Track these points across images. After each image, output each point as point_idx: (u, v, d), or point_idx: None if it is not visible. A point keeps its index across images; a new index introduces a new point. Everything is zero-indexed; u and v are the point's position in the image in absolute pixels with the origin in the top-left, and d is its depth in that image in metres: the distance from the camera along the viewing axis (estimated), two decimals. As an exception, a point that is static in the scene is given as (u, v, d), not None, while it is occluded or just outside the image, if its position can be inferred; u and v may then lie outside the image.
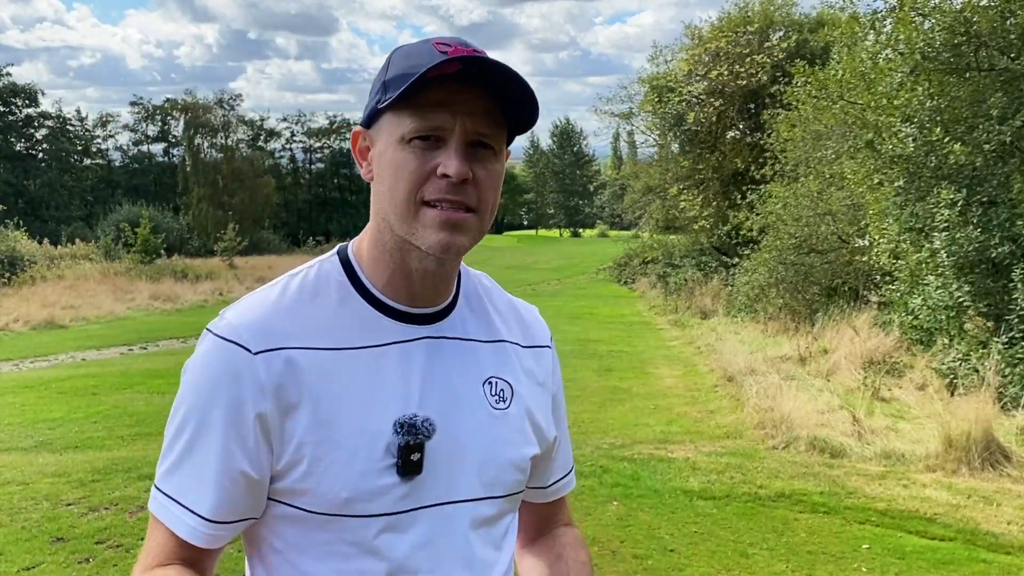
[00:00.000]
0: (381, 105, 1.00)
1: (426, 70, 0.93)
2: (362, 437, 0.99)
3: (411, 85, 0.94)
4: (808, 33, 19.22)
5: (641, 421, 7.65)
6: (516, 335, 1.16)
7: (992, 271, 8.06)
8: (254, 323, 1.00)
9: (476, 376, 1.09)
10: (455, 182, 0.97)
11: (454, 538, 1.04)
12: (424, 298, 1.06)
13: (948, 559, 4.34)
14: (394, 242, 1.03)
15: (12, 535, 4.54)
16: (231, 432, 0.98)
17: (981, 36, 8.00)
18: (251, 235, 37.70)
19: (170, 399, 1.03)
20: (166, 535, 1.01)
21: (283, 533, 1.03)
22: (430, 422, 1.01)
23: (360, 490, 0.98)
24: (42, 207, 45.68)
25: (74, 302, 19.00)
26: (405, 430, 1.00)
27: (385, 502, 0.99)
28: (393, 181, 0.99)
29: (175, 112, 49.44)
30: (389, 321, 1.04)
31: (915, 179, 8.77)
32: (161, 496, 1.02)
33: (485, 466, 1.06)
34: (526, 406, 1.12)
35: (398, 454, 0.99)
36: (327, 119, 57.28)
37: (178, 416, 1.01)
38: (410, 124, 0.98)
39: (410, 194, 0.98)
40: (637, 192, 25.75)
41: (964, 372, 7.79)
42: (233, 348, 0.98)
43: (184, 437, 1.00)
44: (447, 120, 0.97)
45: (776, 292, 13.50)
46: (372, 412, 1.00)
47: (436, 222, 0.98)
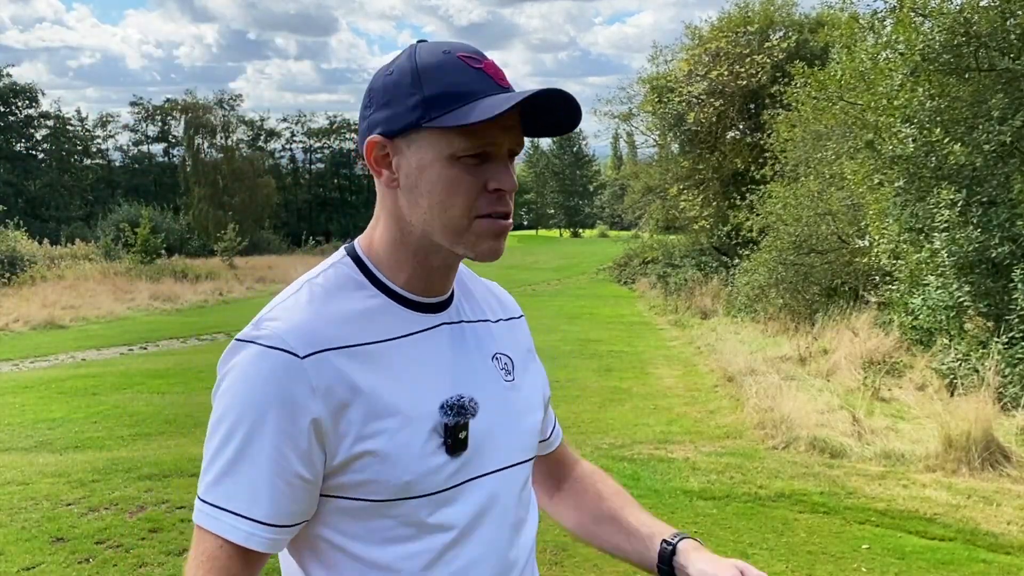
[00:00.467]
0: (429, 123, 1.02)
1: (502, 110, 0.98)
2: (413, 422, 1.04)
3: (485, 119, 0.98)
4: (808, 33, 19.22)
5: (641, 421, 7.66)
6: (499, 312, 1.26)
7: (992, 271, 8.06)
8: (296, 329, 1.02)
9: (486, 354, 1.17)
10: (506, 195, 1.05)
11: (497, 505, 1.12)
12: (437, 290, 1.14)
13: (948, 559, 4.34)
14: (418, 244, 1.09)
15: (12, 535, 4.54)
16: (284, 437, 0.99)
17: (981, 36, 8.00)
18: (251, 235, 37.71)
19: (170, 399, 1.03)
20: (216, 545, 1.00)
21: (341, 527, 1.06)
22: (475, 401, 1.09)
23: (418, 472, 1.03)
24: (42, 207, 45.71)
25: (74, 302, 19.00)
26: (454, 411, 1.07)
27: (438, 480, 1.05)
28: (445, 197, 1.04)
29: (175, 112, 49.44)
30: (409, 312, 1.11)
31: (915, 179, 8.77)
32: (208, 507, 1.01)
33: (511, 435, 1.15)
34: (526, 375, 1.23)
35: (445, 434, 1.05)
36: (327, 119, 57.38)
37: (223, 427, 1.01)
38: (462, 143, 1.02)
39: (467, 209, 1.04)
40: (637, 192, 25.76)
41: (964, 372, 7.79)
42: (281, 355, 1.00)
43: (232, 446, 1.00)
44: (499, 138, 1.03)
45: (776, 292, 13.50)
46: (419, 397, 1.05)
47: (490, 233, 1.06)
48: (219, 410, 1.02)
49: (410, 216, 1.07)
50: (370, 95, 1.09)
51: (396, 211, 1.09)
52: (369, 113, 1.08)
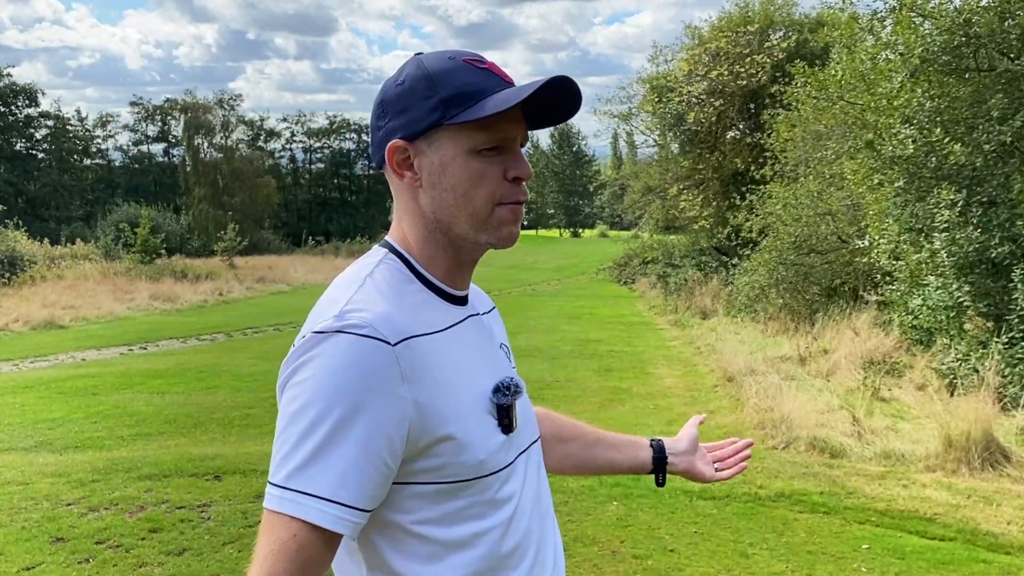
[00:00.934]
0: (449, 121, 1.09)
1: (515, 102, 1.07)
2: (478, 404, 1.12)
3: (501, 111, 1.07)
4: (808, 33, 19.22)
5: (641, 421, 7.66)
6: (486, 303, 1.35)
7: (992, 271, 8.06)
8: (382, 317, 1.06)
9: (496, 343, 1.27)
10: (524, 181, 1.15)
11: (535, 474, 1.24)
12: (463, 284, 1.22)
13: (948, 559, 4.34)
14: (448, 240, 1.16)
15: (12, 535, 4.54)
16: (377, 422, 1.01)
17: (980, 37, 8.00)
18: (251, 235, 37.68)
19: (170, 399, 1.03)
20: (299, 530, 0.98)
21: (415, 511, 1.09)
22: (518, 383, 1.19)
23: (488, 451, 1.10)
24: (42, 207, 45.67)
25: (74, 302, 18.99)
26: (509, 392, 1.15)
27: (501, 458, 1.13)
28: (471, 188, 1.12)
29: (175, 112, 49.41)
30: (448, 305, 1.18)
31: (915, 179, 8.78)
32: (290, 493, 0.99)
33: (529, 414, 1.27)
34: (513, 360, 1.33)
35: (499, 414, 1.14)
36: (327, 119, 57.28)
37: (310, 413, 1.00)
38: (481, 137, 1.10)
39: (490, 198, 1.12)
40: (637, 192, 25.76)
41: (964, 372, 7.79)
42: (373, 343, 1.03)
43: (321, 433, 0.99)
44: (513, 130, 1.13)
45: (776, 292, 13.51)
46: (477, 381, 1.14)
47: (510, 218, 1.14)
48: (304, 397, 1.01)
49: (434, 212, 1.14)
50: (383, 106, 1.15)
51: (419, 210, 1.16)
52: (384, 123, 1.14)
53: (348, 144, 57.53)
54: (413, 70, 1.13)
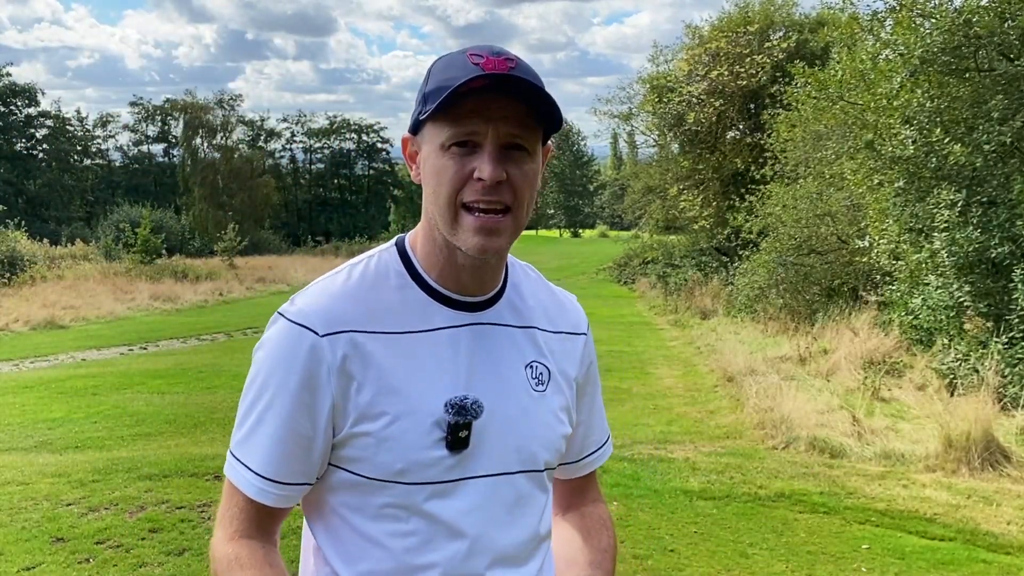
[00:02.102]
0: (422, 116, 1.09)
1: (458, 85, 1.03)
2: (416, 414, 1.09)
3: (443, 99, 1.04)
4: (808, 33, 19.22)
5: (641, 421, 7.65)
6: (558, 323, 1.26)
7: (992, 271, 8.07)
8: (321, 309, 1.10)
9: (519, 360, 1.19)
10: (489, 184, 1.06)
11: (496, 506, 1.14)
12: (471, 288, 1.16)
13: (948, 559, 4.34)
14: (442, 239, 1.13)
15: (12, 535, 4.54)
16: (298, 403, 1.08)
17: (980, 37, 8.00)
18: (251, 235, 37.65)
19: (170, 399, 1.06)
20: (237, 496, 1.13)
21: (342, 497, 1.13)
22: (479, 403, 1.12)
23: (412, 461, 1.08)
24: (42, 207, 45.68)
25: (74, 302, 18.98)
26: (455, 410, 1.10)
27: (434, 472, 1.10)
28: (436, 185, 1.10)
29: (175, 112, 49.38)
30: (440, 307, 1.14)
31: (915, 180, 8.78)
32: (234, 460, 1.14)
33: (527, 443, 1.17)
34: (561, 389, 1.23)
35: (447, 431, 1.09)
36: (327, 119, 57.26)
37: (252, 389, 1.12)
38: (448, 132, 1.07)
39: (451, 197, 1.08)
40: (637, 192, 25.75)
41: (964, 372, 7.79)
42: (303, 331, 1.09)
43: (258, 408, 1.11)
44: (480, 126, 1.06)
45: (776, 292, 13.50)
46: (426, 391, 1.10)
47: (473, 228, 1.08)
48: (251, 373, 1.13)
49: (425, 208, 1.14)
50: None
51: (424, 205, 1.15)
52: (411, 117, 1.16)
53: (348, 144, 57.52)
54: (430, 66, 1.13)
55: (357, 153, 57.75)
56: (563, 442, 1.24)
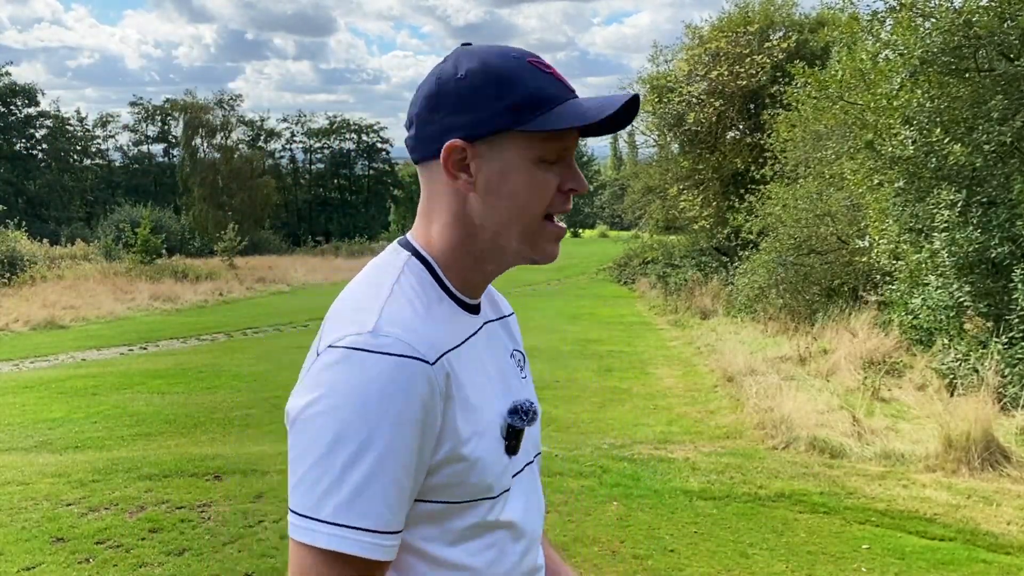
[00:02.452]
0: (522, 128, 1.03)
1: (609, 112, 1.03)
2: (492, 426, 1.07)
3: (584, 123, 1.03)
4: (808, 33, 19.22)
5: (641, 421, 7.66)
6: (502, 308, 1.29)
7: (992, 271, 8.07)
8: (420, 334, 0.99)
9: (507, 351, 1.22)
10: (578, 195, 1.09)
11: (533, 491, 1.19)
12: (478, 293, 1.16)
13: (948, 559, 4.34)
14: (486, 249, 1.10)
15: (12, 535, 4.54)
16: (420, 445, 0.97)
17: (980, 37, 8.00)
18: (251, 235, 37.67)
19: (170, 399, 1.03)
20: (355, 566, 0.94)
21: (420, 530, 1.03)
22: (535, 407, 1.14)
23: (496, 474, 1.06)
24: (42, 207, 45.69)
25: (74, 302, 18.99)
26: (525, 417, 1.11)
27: (505, 480, 1.09)
28: (529, 198, 1.07)
29: (175, 112, 49.38)
30: (465, 314, 1.13)
31: (915, 180, 8.78)
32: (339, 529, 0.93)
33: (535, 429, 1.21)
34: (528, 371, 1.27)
35: (510, 435, 1.09)
36: (327, 119, 57.26)
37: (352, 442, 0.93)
38: (550, 147, 1.06)
39: (544, 210, 1.08)
40: (637, 192, 25.76)
41: (964, 372, 7.80)
42: (417, 364, 0.96)
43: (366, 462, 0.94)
44: (573, 141, 1.09)
45: (776, 293, 13.51)
46: (493, 399, 1.09)
47: (555, 236, 1.11)
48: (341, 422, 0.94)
49: (484, 220, 1.07)
50: (438, 99, 1.06)
51: (465, 215, 1.08)
52: (440, 117, 1.05)
53: (348, 144, 57.52)
54: (475, 65, 1.04)
55: (357, 153, 57.76)
56: None
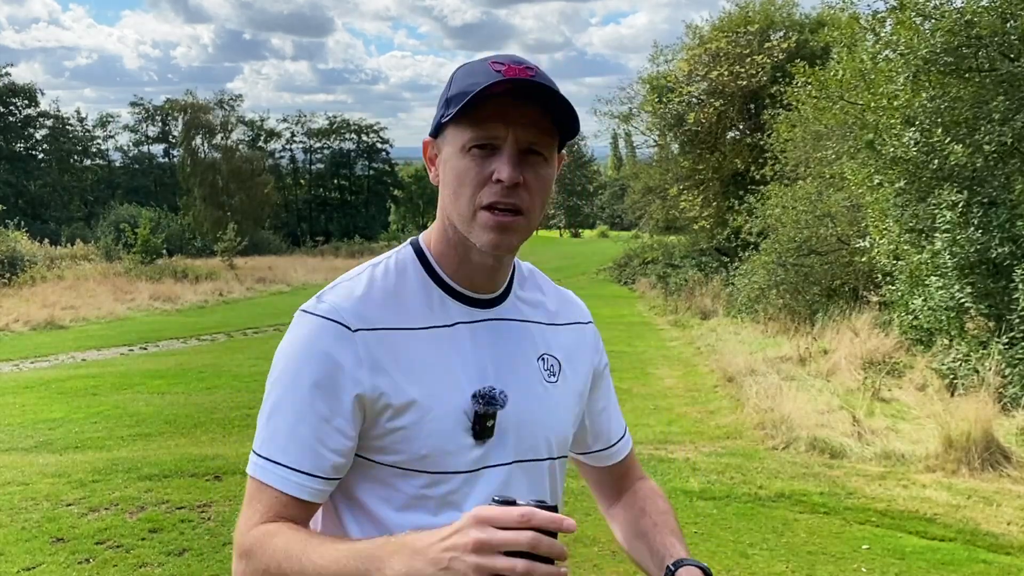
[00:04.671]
0: (445, 119, 1.14)
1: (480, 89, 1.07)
2: (444, 405, 1.13)
3: (467, 102, 1.08)
4: (808, 34, 19.22)
5: (641, 421, 7.65)
6: (560, 315, 1.32)
7: (992, 272, 8.06)
8: (351, 306, 1.14)
9: (532, 352, 1.24)
10: (507, 186, 1.10)
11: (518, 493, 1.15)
12: (483, 286, 1.22)
13: (948, 559, 4.34)
14: (457, 239, 1.18)
15: (12, 535, 4.54)
16: (329, 396, 1.10)
17: (982, 38, 8.00)
18: (251, 235, 37.63)
19: (170, 399, 1.04)
20: (271, 496, 1.11)
21: (370, 486, 1.16)
22: (505, 394, 1.16)
23: (438, 449, 1.12)
24: (42, 207, 45.68)
25: (74, 302, 18.98)
26: (485, 400, 1.14)
27: (462, 461, 1.14)
28: (457, 186, 1.14)
29: (175, 112, 49.39)
30: (456, 304, 1.20)
31: (916, 180, 8.77)
32: (262, 460, 1.12)
33: (540, 432, 1.22)
34: (571, 378, 1.28)
35: (474, 420, 1.14)
36: (327, 119, 57.25)
37: (278, 387, 1.13)
38: (470, 134, 1.11)
39: (471, 198, 1.12)
40: (637, 193, 25.75)
41: (964, 372, 7.79)
42: (335, 325, 1.12)
43: (285, 405, 1.12)
44: (501, 130, 1.10)
45: (776, 293, 13.50)
46: (452, 382, 1.14)
47: (489, 225, 1.12)
48: (273, 371, 1.15)
49: (443, 208, 1.18)
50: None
51: (441, 205, 1.19)
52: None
53: (348, 144, 57.52)
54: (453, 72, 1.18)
55: (357, 153, 57.75)
56: (572, 432, 1.29)
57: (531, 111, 1.11)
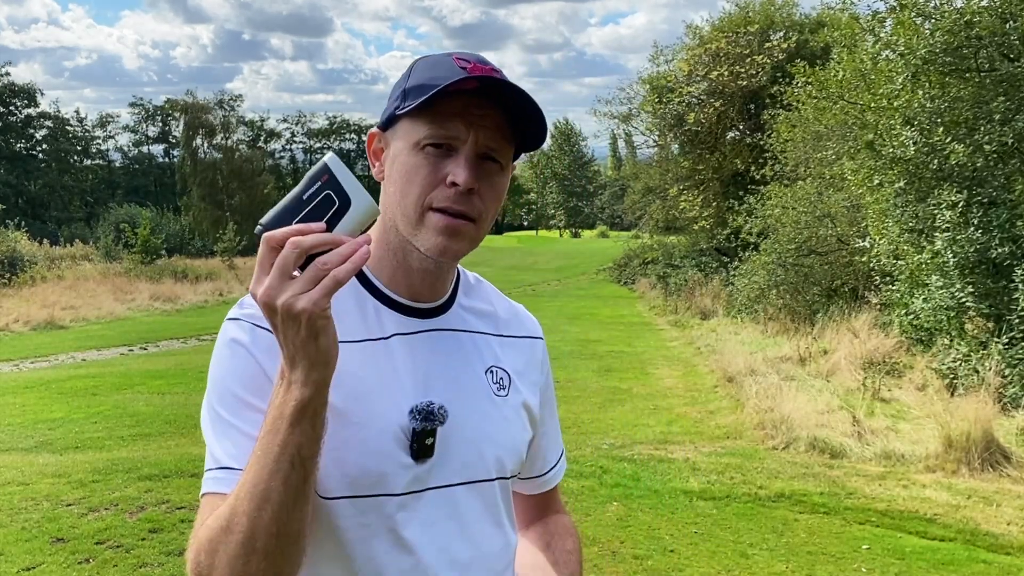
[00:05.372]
0: (400, 111, 1.05)
1: (448, 84, 0.99)
2: (376, 422, 1.03)
3: (432, 95, 1.00)
4: (808, 34, 19.23)
5: (641, 422, 7.65)
6: (512, 328, 1.23)
7: (992, 272, 8.06)
8: None
9: (479, 365, 1.15)
10: (462, 191, 1.02)
11: (460, 517, 1.09)
12: (423, 294, 1.12)
13: (948, 559, 4.34)
14: (398, 242, 1.09)
15: (12, 535, 4.54)
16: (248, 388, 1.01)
17: (982, 38, 8.00)
18: (251, 235, 37.59)
19: (170, 399, 1.04)
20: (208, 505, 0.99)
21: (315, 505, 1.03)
22: (444, 409, 1.06)
23: (370, 470, 1.02)
24: (42, 207, 45.70)
25: (74, 302, 18.99)
26: (422, 416, 1.04)
27: (399, 483, 1.03)
28: (404, 184, 1.05)
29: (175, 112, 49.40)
30: (392, 313, 1.10)
31: (916, 180, 8.77)
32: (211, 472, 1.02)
33: (489, 449, 1.12)
34: (522, 393, 1.19)
35: (412, 438, 1.04)
36: (327, 120, 57.34)
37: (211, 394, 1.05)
38: (426, 131, 1.03)
39: (419, 198, 1.04)
40: (637, 193, 25.78)
41: (964, 372, 7.80)
42: (245, 324, 1.04)
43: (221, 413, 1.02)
44: (461, 131, 1.03)
45: (776, 293, 13.51)
46: (385, 398, 1.05)
47: (438, 227, 1.03)
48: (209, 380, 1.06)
49: (386, 207, 1.09)
50: None
51: (383, 205, 1.09)
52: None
53: (348, 144, 57.60)
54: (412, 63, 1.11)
55: (357, 153, 57.81)
56: (526, 448, 1.19)
57: (495, 114, 1.03)
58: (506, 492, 1.17)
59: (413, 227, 1.05)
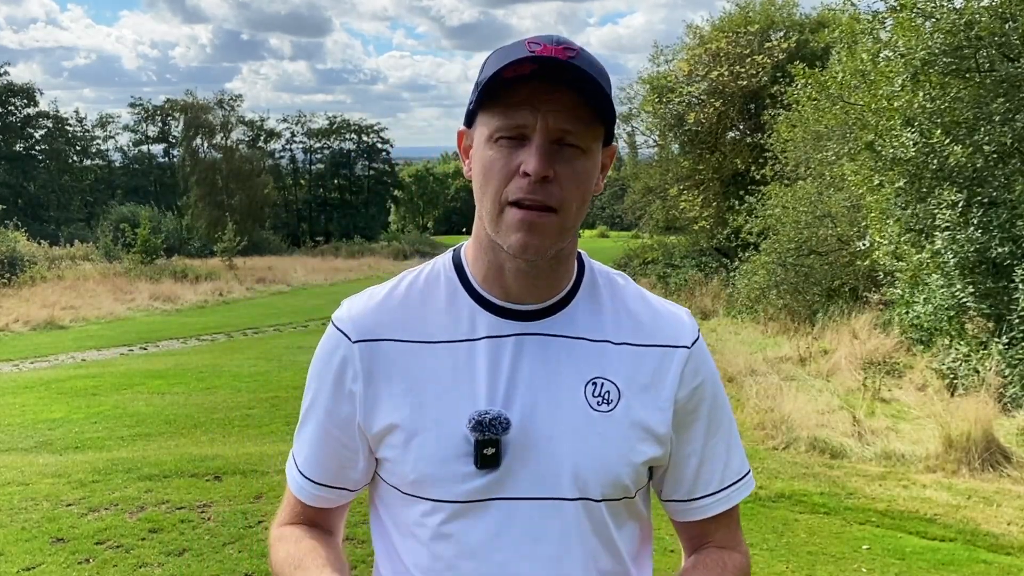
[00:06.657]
0: (471, 106, 1.04)
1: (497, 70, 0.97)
2: (441, 426, 1.04)
3: (488, 86, 0.98)
4: (809, 34, 19.23)
5: (641, 422, 7.65)
6: (639, 335, 1.10)
7: (993, 272, 8.06)
8: (358, 315, 1.10)
9: (577, 375, 1.06)
10: (535, 180, 0.98)
11: (531, 533, 1.03)
12: (518, 295, 1.07)
13: (948, 560, 4.34)
14: (488, 240, 1.06)
15: (12, 535, 4.54)
16: (330, 403, 1.11)
17: (981, 39, 8.00)
18: (250, 235, 37.60)
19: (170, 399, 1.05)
20: (290, 496, 1.19)
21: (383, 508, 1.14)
22: (504, 419, 1.02)
23: (429, 475, 1.04)
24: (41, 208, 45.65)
25: (74, 302, 18.97)
26: (474, 425, 1.02)
27: (459, 490, 1.03)
28: (483, 180, 1.03)
29: (175, 112, 49.37)
30: (485, 315, 1.07)
31: (916, 180, 8.77)
32: (291, 455, 1.20)
33: (576, 468, 1.03)
34: (635, 409, 1.07)
35: (475, 447, 1.02)
36: (327, 119, 57.23)
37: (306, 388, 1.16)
38: (496, 123, 1.00)
39: (497, 193, 1.01)
40: (637, 193, 25.75)
41: (964, 373, 7.79)
42: (339, 335, 1.10)
43: (304, 406, 1.15)
44: (528, 118, 0.98)
45: (776, 293, 13.51)
46: (453, 403, 1.04)
47: (515, 223, 1.00)
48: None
49: (477, 206, 1.07)
50: None
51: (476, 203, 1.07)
52: None
53: (348, 144, 57.50)
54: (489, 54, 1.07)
55: (357, 153, 57.73)
56: (635, 471, 1.07)
57: (564, 96, 0.97)
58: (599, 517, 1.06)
59: (495, 224, 1.02)
